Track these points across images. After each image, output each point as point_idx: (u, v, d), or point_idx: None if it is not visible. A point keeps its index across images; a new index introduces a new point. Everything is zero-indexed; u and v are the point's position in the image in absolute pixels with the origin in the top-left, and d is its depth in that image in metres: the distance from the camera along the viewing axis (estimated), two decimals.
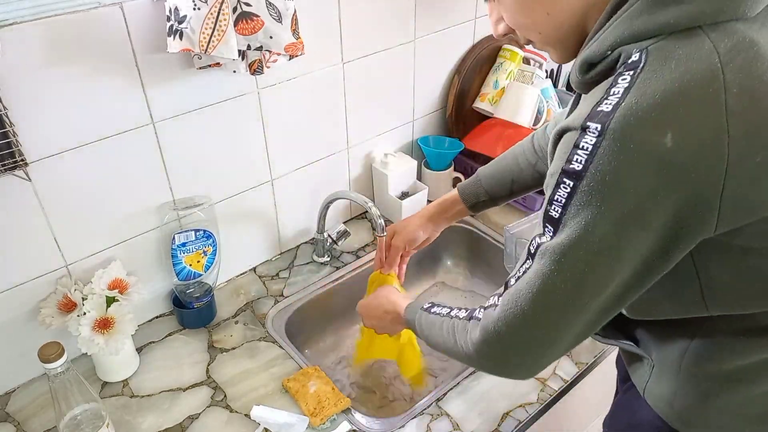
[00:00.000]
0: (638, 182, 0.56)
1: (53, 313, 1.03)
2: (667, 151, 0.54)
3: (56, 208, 1.02)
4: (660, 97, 0.54)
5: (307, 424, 1.02)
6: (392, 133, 1.50)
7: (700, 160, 0.55)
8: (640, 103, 0.55)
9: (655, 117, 0.54)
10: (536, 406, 1.06)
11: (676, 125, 0.54)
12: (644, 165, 0.55)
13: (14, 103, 0.89)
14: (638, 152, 0.55)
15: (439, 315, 0.85)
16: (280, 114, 1.24)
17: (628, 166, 0.55)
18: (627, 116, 0.55)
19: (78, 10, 0.90)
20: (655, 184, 0.55)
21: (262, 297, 1.30)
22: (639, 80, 0.56)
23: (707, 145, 0.55)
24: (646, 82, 0.56)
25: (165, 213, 1.16)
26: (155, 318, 1.25)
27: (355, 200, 1.27)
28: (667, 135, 0.54)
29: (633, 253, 0.59)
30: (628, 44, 0.59)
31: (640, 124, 0.55)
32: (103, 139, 1.02)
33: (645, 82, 0.56)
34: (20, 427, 1.03)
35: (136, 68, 1.00)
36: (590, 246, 0.59)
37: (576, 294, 0.62)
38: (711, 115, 0.54)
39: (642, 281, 0.63)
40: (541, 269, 0.63)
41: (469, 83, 1.56)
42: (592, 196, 0.57)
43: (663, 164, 0.55)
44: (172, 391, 1.09)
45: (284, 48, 1.03)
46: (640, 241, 0.59)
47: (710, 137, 0.54)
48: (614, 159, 0.55)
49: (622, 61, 0.60)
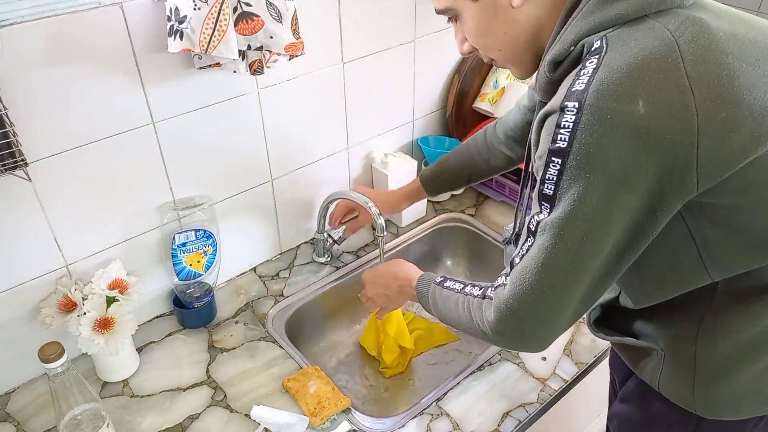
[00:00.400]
0: (619, 150, 0.60)
1: (53, 313, 1.03)
2: (641, 118, 0.59)
3: (56, 209, 1.02)
4: (626, 70, 0.60)
5: (307, 424, 1.02)
6: (392, 133, 1.50)
7: (674, 122, 0.60)
8: (609, 77, 0.60)
9: (625, 88, 0.60)
10: (536, 406, 1.06)
11: (646, 93, 0.60)
12: (622, 133, 0.60)
13: (14, 103, 0.89)
14: (615, 122, 0.60)
15: (454, 291, 0.86)
16: (280, 114, 1.24)
17: (608, 136, 0.60)
18: (600, 90, 0.60)
19: (78, 10, 0.91)
20: (634, 149, 0.60)
21: (262, 297, 1.30)
22: (605, 60, 0.62)
23: (677, 108, 0.60)
24: (612, 60, 0.61)
25: (165, 213, 1.16)
26: (155, 318, 1.25)
27: (355, 200, 1.27)
28: (639, 102, 0.59)
29: (623, 215, 0.64)
30: (588, 36, 0.66)
31: (613, 96, 0.60)
32: (103, 139, 1.02)
33: (611, 61, 0.61)
34: (20, 427, 1.03)
35: (136, 68, 1.00)
36: (585, 215, 0.64)
37: (578, 261, 0.66)
38: (675, 80, 0.60)
39: (635, 243, 0.67)
40: (543, 244, 0.67)
41: (469, 83, 1.56)
42: (580, 169, 0.62)
43: (639, 130, 0.60)
44: (172, 391, 1.09)
45: (284, 48, 1.03)
46: (629, 203, 0.63)
47: (678, 100, 0.60)
48: (594, 131, 0.60)
49: (585, 51, 0.66)
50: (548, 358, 1.15)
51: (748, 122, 0.62)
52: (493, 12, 0.72)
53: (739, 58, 0.63)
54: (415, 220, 1.52)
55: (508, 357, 1.15)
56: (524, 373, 1.12)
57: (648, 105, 0.59)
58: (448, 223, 1.53)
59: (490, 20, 0.73)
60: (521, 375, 1.12)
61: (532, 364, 1.14)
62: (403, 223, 1.49)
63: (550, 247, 0.67)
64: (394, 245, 1.45)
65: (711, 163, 0.62)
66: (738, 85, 0.61)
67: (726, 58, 0.62)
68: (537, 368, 1.13)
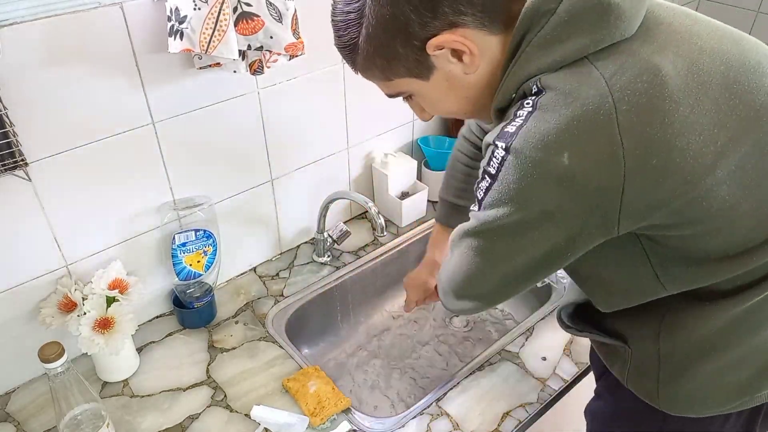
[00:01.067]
0: (540, 192, 0.62)
1: (53, 313, 1.03)
2: (566, 169, 0.60)
3: (56, 208, 1.02)
4: (556, 123, 0.60)
5: (307, 424, 1.02)
6: (392, 133, 1.50)
7: (600, 171, 0.60)
8: (538, 127, 0.61)
9: (551, 140, 0.60)
10: (536, 406, 1.06)
11: (573, 146, 0.60)
12: (545, 179, 0.61)
13: (14, 103, 0.89)
14: (538, 170, 0.61)
15: None
16: (280, 114, 1.24)
17: (529, 181, 0.62)
18: (527, 139, 0.61)
19: (78, 10, 0.90)
20: (558, 192, 0.61)
21: (262, 297, 1.30)
22: (538, 107, 0.62)
23: (604, 160, 0.60)
24: (544, 109, 0.62)
25: (165, 213, 1.16)
26: (155, 318, 1.25)
27: (355, 200, 1.27)
28: (564, 155, 0.60)
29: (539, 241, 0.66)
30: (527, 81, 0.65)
31: (538, 146, 0.61)
32: (103, 139, 1.02)
33: (543, 109, 0.62)
34: (20, 427, 1.03)
35: (136, 68, 1.00)
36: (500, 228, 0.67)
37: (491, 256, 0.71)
38: (605, 134, 0.59)
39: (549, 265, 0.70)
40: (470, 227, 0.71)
41: None
42: (502, 195, 0.65)
43: (562, 179, 0.60)
44: (172, 391, 1.09)
45: (284, 48, 1.03)
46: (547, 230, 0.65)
47: (606, 152, 0.59)
48: (517, 173, 0.62)
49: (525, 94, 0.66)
50: (548, 358, 1.15)
51: (680, 167, 0.61)
52: (447, 84, 0.72)
53: (677, 100, 0.61)
54: (415, 220, 1.52)
55: (508, 357, 1.15)
56: (524, 373, 1.12)
57: (572, 157, 0.60)
58: None
59: (447, 91, 0.73)
60: (521, 375, 1.12)
61: (532, 364, 1.14)
62: (403, 223, 1.49)
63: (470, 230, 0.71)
64: (394, 245, 1.45)
65: (635, 209, 0.62)
66: (672, 132, 0.60)
67: (662, 104, 0.60)
68: (537, 368, 1.13)
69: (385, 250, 1.44)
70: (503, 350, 1.16)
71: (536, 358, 1.15)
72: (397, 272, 1.47)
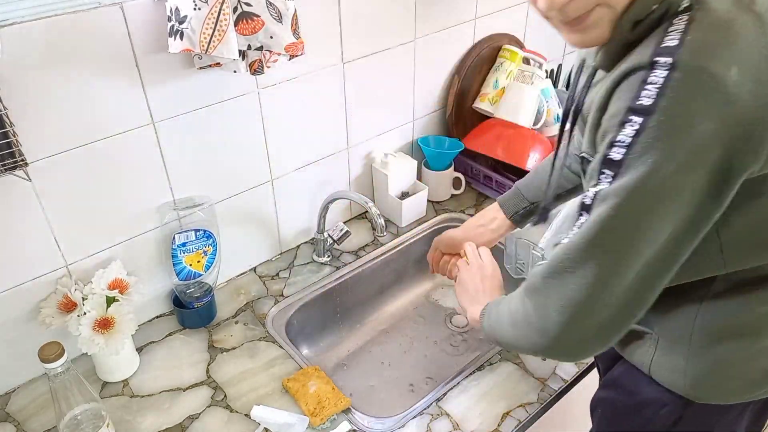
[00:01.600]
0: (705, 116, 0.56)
1: (53, 313, 1.03)
2: (734, 84, 0.56)
3: (56, 208, 1.02)
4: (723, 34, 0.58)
5: (307, 424, 1.02)
6: (392, 133, 1.50)
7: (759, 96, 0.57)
8: (707, 38, 0.57)
9: (722, 52, 0.57)
10: (536, 406, 1.06)
11: (739, 60, 0.57)
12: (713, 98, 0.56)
13: (14, 103, 0.89)
14: (710, 84, 0.56)
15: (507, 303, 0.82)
16: (280, 114, 1.24)
17: (700, 100, 0.56)
18: (698, 49, 0.57)
19: (78, 10, 0.91)
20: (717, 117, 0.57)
21: (262, 297, 1.30)
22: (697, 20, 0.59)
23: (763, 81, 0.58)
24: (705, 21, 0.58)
25: (165, 213, 1.16)
26: (155, 318, 1.25)
27: (355, 200, 1.27)
28: (732, 69, 0.56)
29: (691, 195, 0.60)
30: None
31: (710, 57, 0.57)
32: (104, 139, 1.02)
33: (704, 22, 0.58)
34: (20, 427, 1.03)
35: (136, 68, 1.00)
36: (655, 186, 0.59)
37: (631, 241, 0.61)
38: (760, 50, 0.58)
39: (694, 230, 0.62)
40: (600, 215, 0.62)
41: (469, 83, 1.56)
42: (661, 131, 0.57)
43: (729, 98, 0.56)
44: (172, 391, 1.09)
45: (284, 48, 1.03)
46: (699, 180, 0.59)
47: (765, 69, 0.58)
48: (687, 92, 0.57)
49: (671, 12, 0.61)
50: (548, 358, 1.15)
51: None
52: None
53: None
54: (415, 220, 1.52)
55: (508, 357, 1.15)
56: (524, 373, 1.12)
57: (740, 72, 0.56)
58: (448, 223, 1.53)
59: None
60: (521, 375, 1.12)
61: (532, 364, 1.14)
62: (403, 223, 1.49)
63: (606, 219, 0.61)
64: (394, 245, 1.45)
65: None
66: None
67: None
68: (537, 368, 1.13)
69: (385, 250, 1.44)
70: (503, 350, 1.16)
71: (536, 358, 1.15)
72: (397, 272, 1.47)
